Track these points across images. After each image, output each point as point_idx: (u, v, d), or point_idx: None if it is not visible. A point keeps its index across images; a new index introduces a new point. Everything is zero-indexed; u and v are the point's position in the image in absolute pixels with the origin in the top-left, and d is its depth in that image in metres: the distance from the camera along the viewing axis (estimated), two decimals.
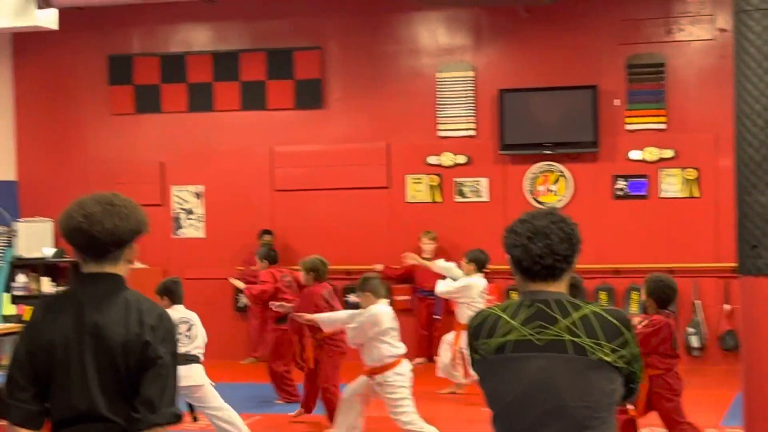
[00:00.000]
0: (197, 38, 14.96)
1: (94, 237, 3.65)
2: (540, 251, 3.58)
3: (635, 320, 7.72)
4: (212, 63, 14.82)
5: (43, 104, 15.34)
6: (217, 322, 14.30)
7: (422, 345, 13.70)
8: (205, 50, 14.86)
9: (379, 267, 13.77)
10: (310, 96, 14.54)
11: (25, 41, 15.05)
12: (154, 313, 3.67)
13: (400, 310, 11.66)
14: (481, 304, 11.29)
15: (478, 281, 11.45)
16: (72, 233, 3.68)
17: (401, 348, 9.01)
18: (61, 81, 15.28)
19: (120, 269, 3.75)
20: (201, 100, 14.89)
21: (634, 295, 13.42)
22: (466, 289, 11.39)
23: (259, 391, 11.92)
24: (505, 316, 3.60)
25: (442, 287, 11.55)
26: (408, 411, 8.81)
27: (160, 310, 3.71)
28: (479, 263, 11.52)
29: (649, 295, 7.90)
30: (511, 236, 3.65)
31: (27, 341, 3.70)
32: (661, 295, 7.87)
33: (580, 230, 3.66)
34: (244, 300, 14.57)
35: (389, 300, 9.67)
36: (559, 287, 3.64)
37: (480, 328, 3.64)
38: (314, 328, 9.92)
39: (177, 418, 3.66)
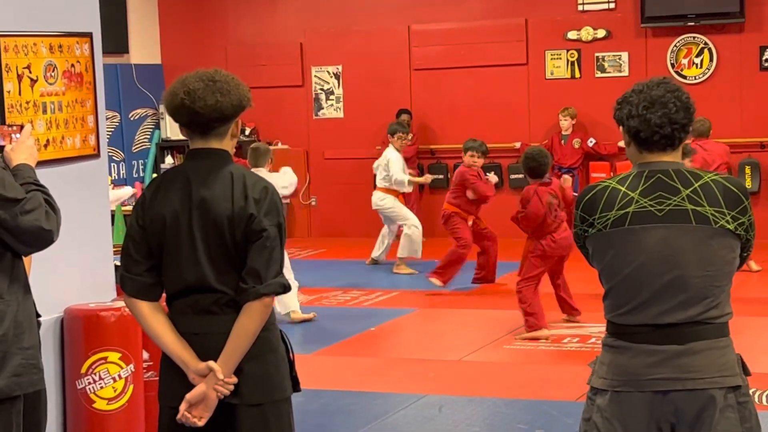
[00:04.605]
0: None
1: (196, 113, 3.69)
2: (659, 120, 3.54)
3: None
4: None
5: None
6: (356, 200, 14.46)
7: None
8: None
9: (518, 145, 13.69)
10: None
11: None
12: (259, 187, 3.71)
13: None
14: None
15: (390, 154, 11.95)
16: (176, 110, 3.73)
17: None
18: None
19: (225, 144, 3.79)
20: None
21: None
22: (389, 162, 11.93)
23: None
24: (623, 188, 3.56)
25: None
26: None
27: (266, 183, 3.75)
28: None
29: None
30: (626, 107, 3.61)
31: (139, 216, 3.78)
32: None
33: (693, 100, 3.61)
34: None
35: None
36: (676, 157, 3.60)
37: (595, 202, 3.59)
38: None
39: (284, 288, 3.72)
